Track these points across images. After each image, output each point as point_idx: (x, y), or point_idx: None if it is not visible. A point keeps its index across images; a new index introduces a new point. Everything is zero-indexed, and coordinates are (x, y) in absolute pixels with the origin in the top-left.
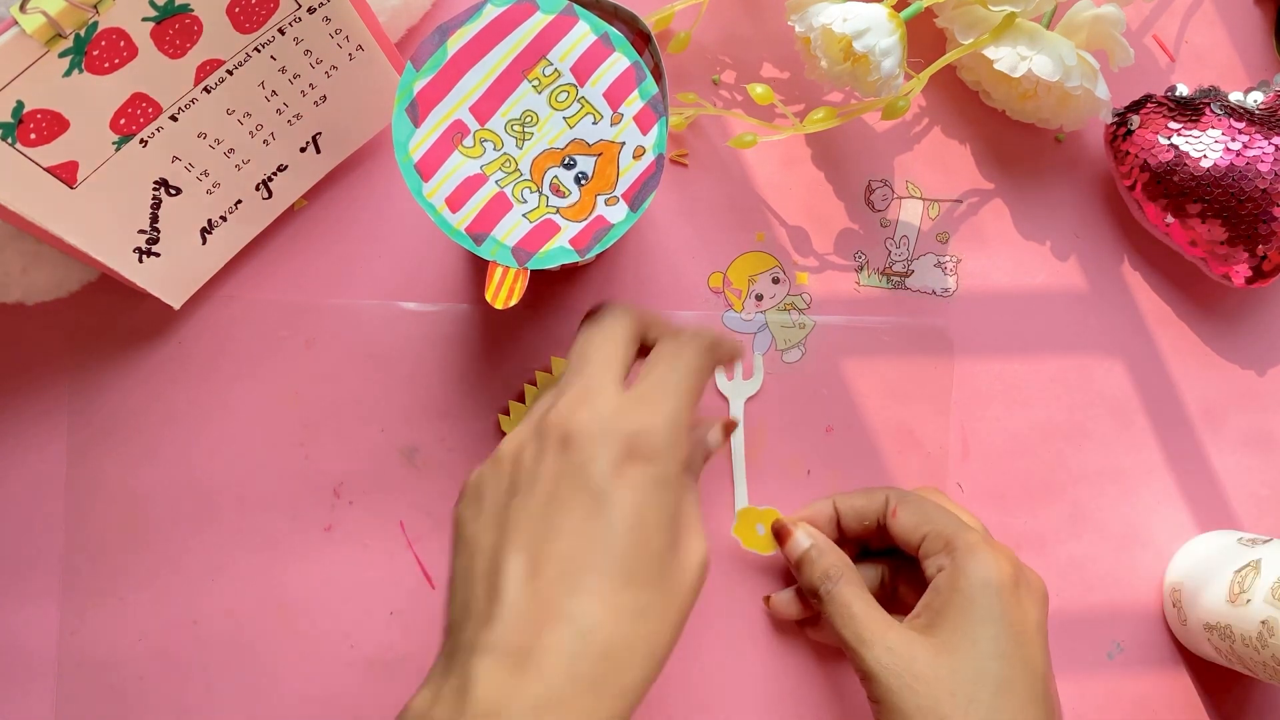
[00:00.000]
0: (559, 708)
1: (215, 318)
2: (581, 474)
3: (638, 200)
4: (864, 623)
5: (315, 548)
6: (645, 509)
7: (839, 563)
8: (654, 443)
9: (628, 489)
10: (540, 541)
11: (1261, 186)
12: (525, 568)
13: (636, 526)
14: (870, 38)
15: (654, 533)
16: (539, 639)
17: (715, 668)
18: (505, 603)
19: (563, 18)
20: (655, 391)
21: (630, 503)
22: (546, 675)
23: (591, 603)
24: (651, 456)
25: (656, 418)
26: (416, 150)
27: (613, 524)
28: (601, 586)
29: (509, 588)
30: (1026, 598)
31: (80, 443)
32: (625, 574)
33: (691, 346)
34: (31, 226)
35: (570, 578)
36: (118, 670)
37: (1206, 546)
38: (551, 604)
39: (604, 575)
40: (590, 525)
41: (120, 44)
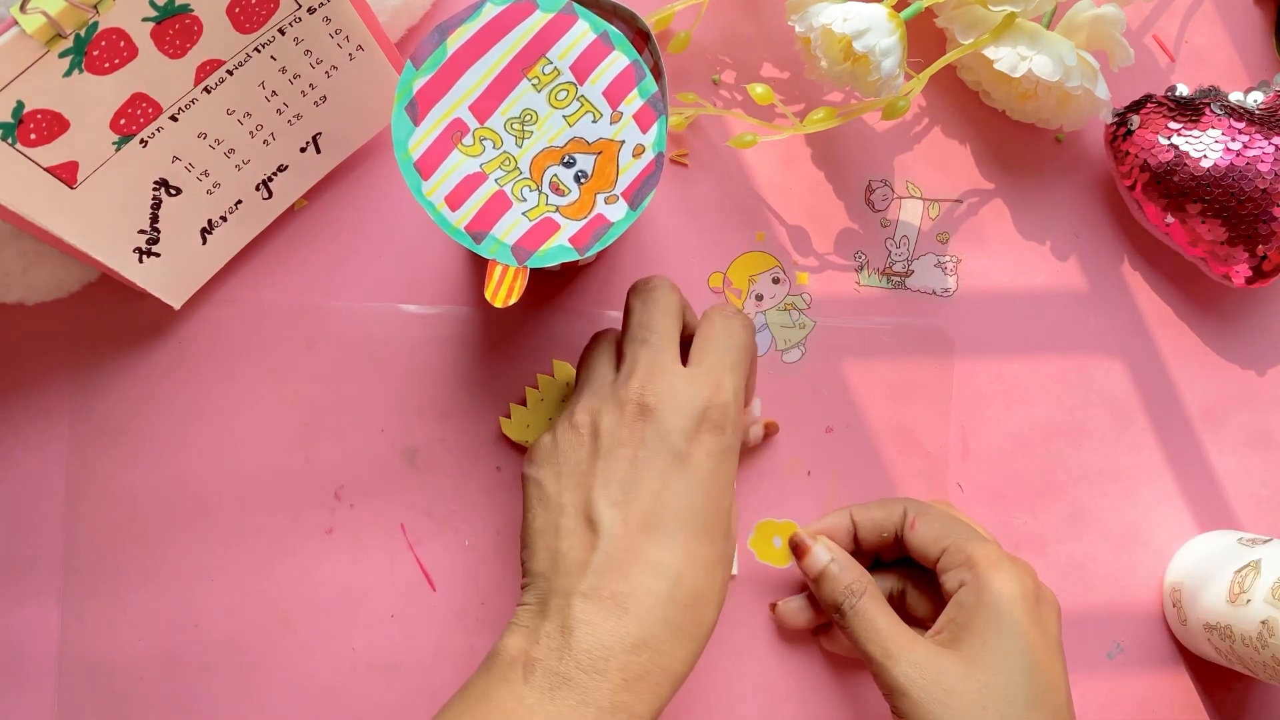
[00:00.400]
0: (653, 647)
1: (215, 318)
2: (663, 439)
3: (637, 199)
4: (890, 638)
5: (316, 550)
6: (717, 473)
7: (860, 577)
8: (723, 415)
9: (704, 454)
10: (629, 498)
11: (1261, 186)
12: (618, 521)
13: (712, 487)
14: (870, 38)
15: (723, 494)
16: (633, 584)
17: (723, 674)
18: (601, 550)
19: (562, 16)
20: (718, 368)
21: (706, 467)
22: (642, 618)
23: (677, 553)
24: (721, 426)
25: (725, 393)
26: (416, 149)
27: (692, 484)
28: (685, 539)
29: (605, 538)
30: (1047, 612)
31: (81, 443)
32: (704, 529)
33: (741, 325)
34: (31, 226)
35: (657, 530)
36: (118, 671)
37: (1206, 546)
38: (642, 554)
39: (687, 529)
40: (673, 484)
41: (120, 44)
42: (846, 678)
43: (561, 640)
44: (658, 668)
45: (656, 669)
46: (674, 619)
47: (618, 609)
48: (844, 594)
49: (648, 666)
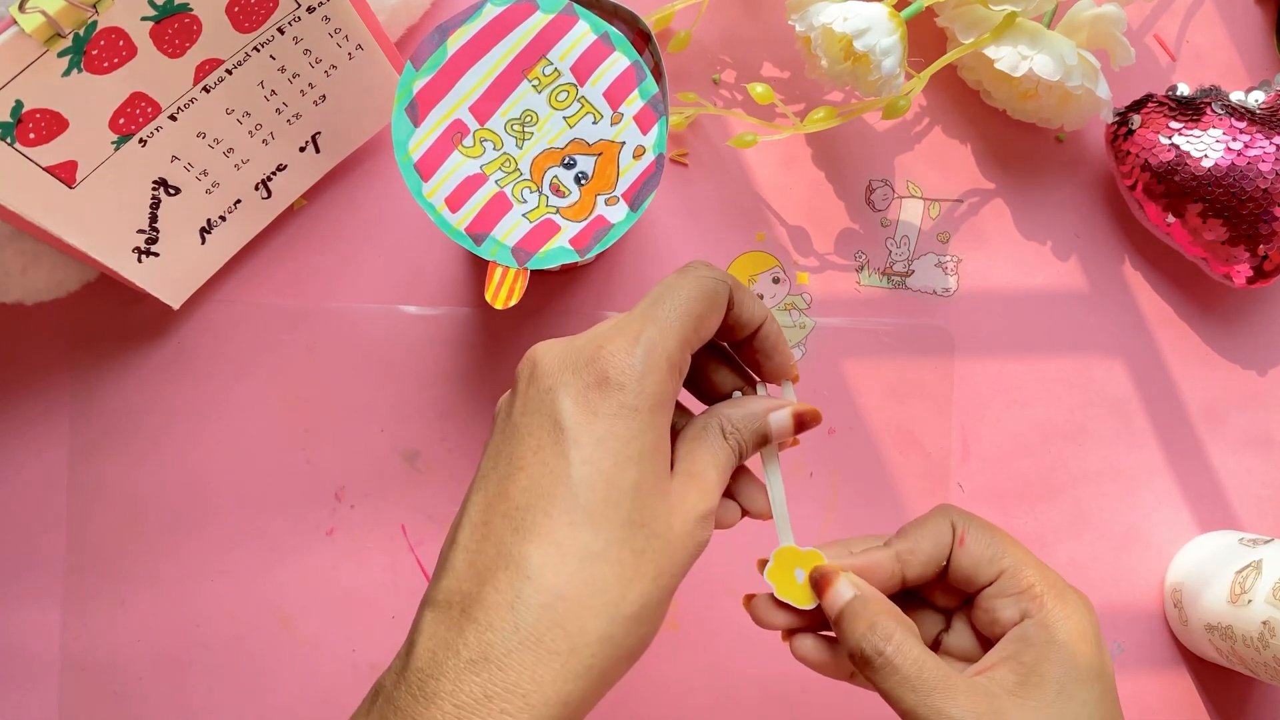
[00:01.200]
0: (498, 663)
1: (215, 319)
2: (543, 403)
3: (638, 200)
4: (944, 692)
5: (316, 551)
6: (610, 439)
7: (892, 620)
8: (623, 368)
9: (592, 417)
10: (500, 480)
11: (1262, 186)
12: (480, 511)
13: (599, 458)
14: (871, 37)
15: (622, 466)
16: (480, 588)
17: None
18: (454, 549)
19: (563, 17)
20: (635, 318)
21: (593, 433)
22: (484, 628)
23: (541, 545)
24: (621, 383)
25: (623, 342)
26: (416, 150)
27: (570, 456)
28: (553, 526)
29: (459, 534)
30: (1104, 645)
31: (81, 444)
32: (584, 511)
33: (693, 275)
34: (31, 226)
35: (521, 516)
36: (119, 671)
37: (1207, 547)
38: (501, 548)
39: (559, 513)
40: (548, 459)
41: (119, 43)
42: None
43: (404, 660)
44: (505, 690)
45: (504, 692)
46: (527, 628)
47: (460, 618)
48: (868, 638)
49: (489, 689)
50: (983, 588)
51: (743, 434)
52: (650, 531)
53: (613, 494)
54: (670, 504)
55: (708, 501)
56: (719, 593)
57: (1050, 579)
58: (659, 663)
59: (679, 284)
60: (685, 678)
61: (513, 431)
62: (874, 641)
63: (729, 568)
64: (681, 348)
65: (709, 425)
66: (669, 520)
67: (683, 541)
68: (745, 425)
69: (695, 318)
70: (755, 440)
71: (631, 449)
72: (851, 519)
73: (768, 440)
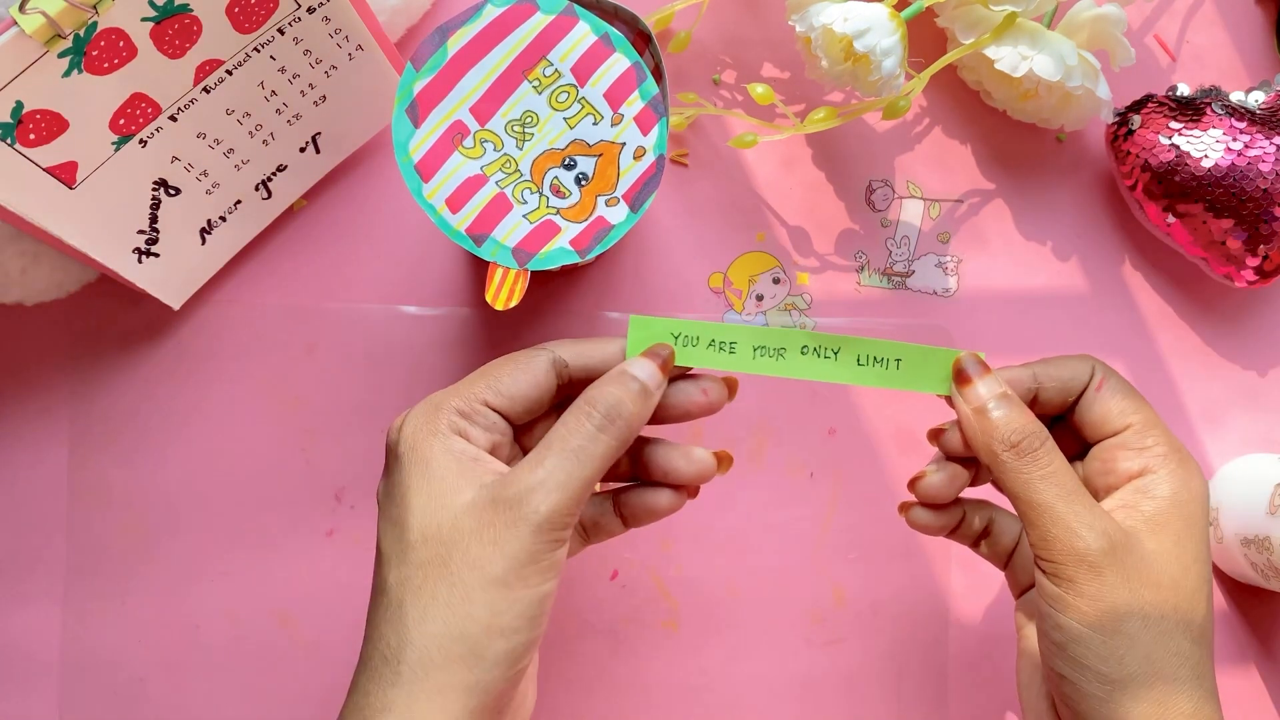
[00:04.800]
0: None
1: (215, 319)
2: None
3: (638, 201)
4: (1081, 499)
5: (317, 551)
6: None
7: (1040, 426)
8: (392, 427)
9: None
10: None
11: (1263, 186)
12: None
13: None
14: (871, 37)
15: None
16: None
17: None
18: None
19: (563, 18)
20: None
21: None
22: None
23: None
24: (388, 447)
25: (404, 415)
26: (416, 151)
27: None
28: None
29: None
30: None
31: (81, 444)
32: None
33: (513, 353)
34: (31, 227)
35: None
36: (119, 672)
37: (1246, 465)
38: None
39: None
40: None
41: (119, 44)
42: (848, 677)
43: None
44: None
45: None
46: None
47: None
48: (1022, 433)
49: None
50: (1105, 438)
51: (607, 392)
52: (434, 542)
53: (396, 530)
54: (461, 507)
55: (519, 481)
56: (719, 593)
57: (1175, 444)
58: (659, 663)
59: (494, 360)
60: (685, 679)
61: None
62: (1028, 438)
63: (729, 568)
64: (462, 399)
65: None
66: (456, 521)
67: (476, 535)
68: (604, 382)
69: (487, 376)
70: (635, 397)
71: (402, 485)
72: (852, 519)
73: (649, 392)
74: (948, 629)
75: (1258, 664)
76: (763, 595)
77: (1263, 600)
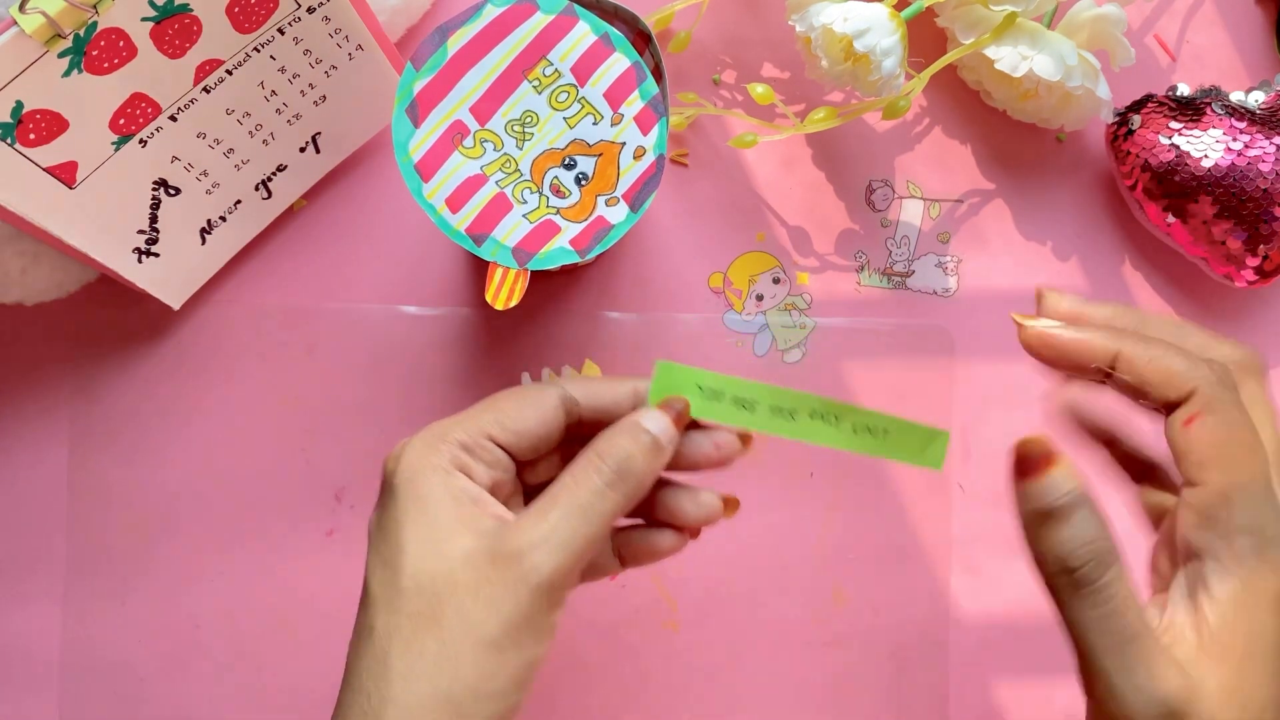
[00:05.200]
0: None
1: (215, 319)
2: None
3: (638, 201)
4: (1138, 651)
5: (316, 551)
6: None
7: (1109, 539)
8: (390, 456)
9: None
10: None
11: (1263, 186)
12: None
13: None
14: (871, 37)
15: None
16: None
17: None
18: None
19: (563, 18)
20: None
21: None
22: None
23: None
24: (383, 477)
25: (406, 438)
26: (416, 151)
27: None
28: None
29: None
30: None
31: (81, 444)
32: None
33: (519, 386)
34: (31, 227)
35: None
36: (120, 672)
37: None
38: None
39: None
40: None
41: (119, 44)
42: (846, 673)
43: None
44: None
45: None
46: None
47: None
48: (1084, 556)
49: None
50: (1193, 485)
51: (618, 445)
52: (428, 591)
53: (387, 572)
54: (458, 556)
55: (522, 535)
56: (720, 594)
57: (1259, 521)
58: (659, 665)
59: (500, 391)
60: (684, 680)
61: None
62: (1091, 563)
63: (729, 568)
64: (466, 432)
65: (582, 452)
66: (452, 573)
67: (472, 590)
68: (615, 434)
69: (494, 410)
70: (647, 451)
71: (396, 523)
72: (851, 519)
73: (661, 448)
74: (948, 629)
75: None
76: (762, 595)
77: None
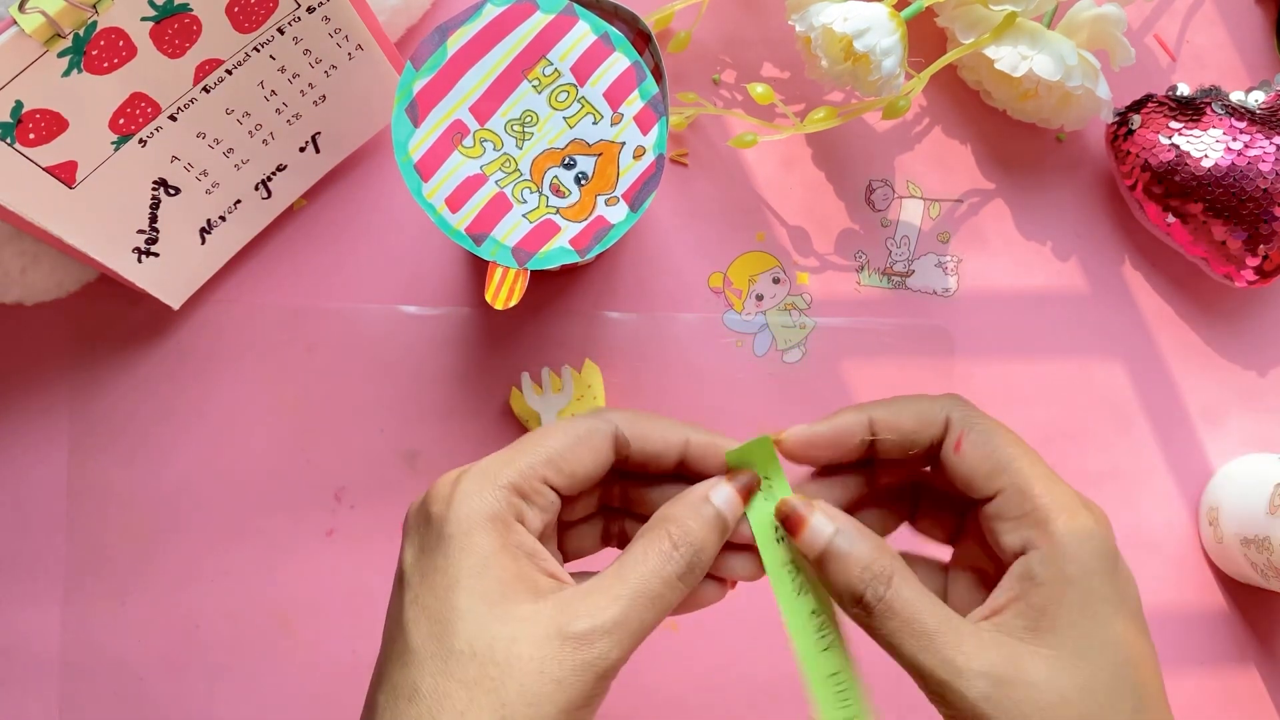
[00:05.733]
0: None
1: (214, 319)
2: (401, 552)
3: (638, 200)
4: (945, 639)
5: (316, 551)
6: (433, 572)
7: (882, 554)
8: (439, 497)
9: (420, 554)
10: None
11: (1263, 186)
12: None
13: (424, 593)
14: (871, 37)
15: (445, 596)
16: None
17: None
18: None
19: (563, 17)
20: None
21: (420, 570)
22: None
23: (382, 692)
24: (438, 513)
25: (457, 474)
26: (416, 150)
27: (404, 598)
28: (390, 670)
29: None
30: (1127, 578)
31: (81, 444)
32: (412, 650)
33: (563, 419)
34: (30, 226)
35: (379, 667)
36: (119, 672)
37: (1246, 465)
38: (367, 700)
39: (395, 656)
40: (394, 606)
41: (119, 44)
42: None
43: None
44: None
45: None
46: None
47: None
48: (863, 581)
49: None
50: (984, 501)
51: (690, 525)
52: (485, 659)
53: (435, 627)
54: (520, 626)
55: (592, 618)
56: None
57: (1060, 499)
58: (658, 666)
59: (547, 425)
60: (684, 681)
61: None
62: (871, 585)
63: None
64: (521, 475)
65: (651, 527)
66: (514, 645)
67: (536, 667)
68: (690, 517)
69: (548, 450)
70: (711, 526)
71: (450, 576)
72: None
73: (726, 524)
74: None
75: (1258, 664)
76: (762, 595)
77: (1263, 600)
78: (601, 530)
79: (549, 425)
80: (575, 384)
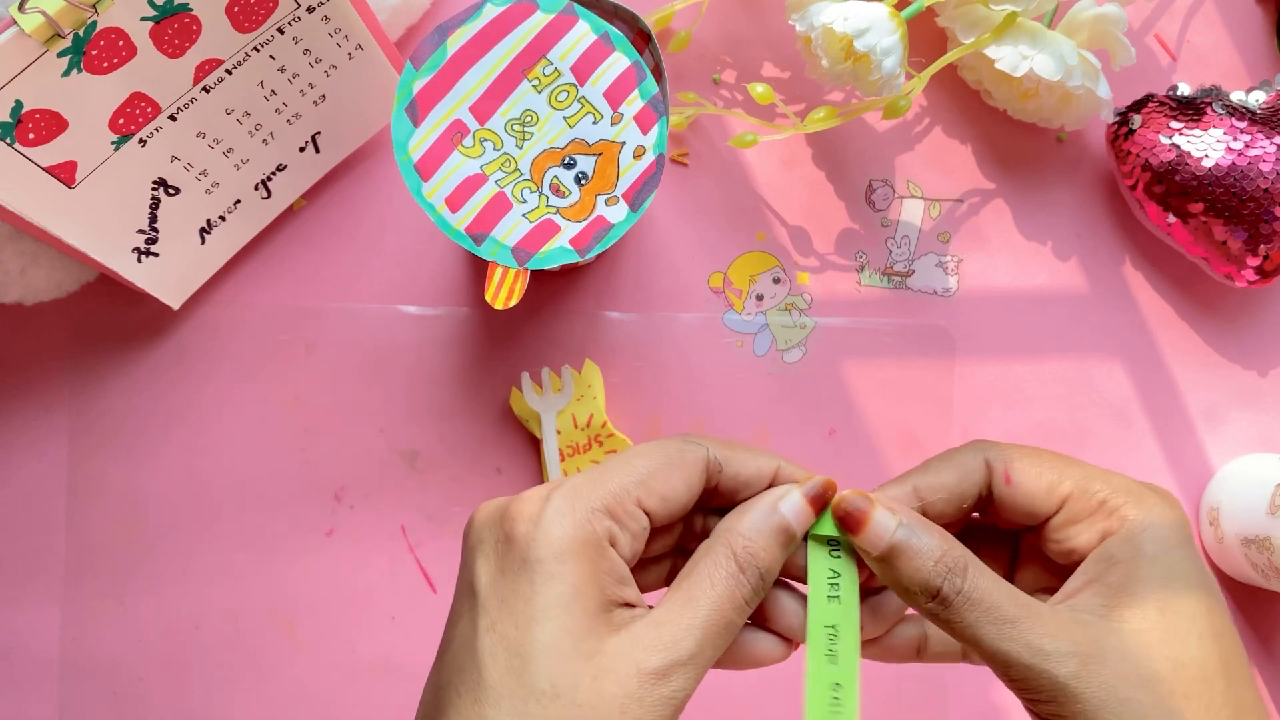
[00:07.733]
0: None
1: (214, 319)
2: (465, 568)
3: (638, 200)
4: (1028, 624)
5: (316, 551)
6: (514, 598)
7: (952, 545)
8: (527, 517)
9: (500, 576)
10: (439, 654)
11: (1263, 186)
12: (427, 688)
13: (502, 622)
14: (871, 37)
15: (526, 628)
16: None
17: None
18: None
19: (563, 17)
20: (573, 475)
21: (499, 594)
22: None
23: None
24: (525, 533)
25: (545, 492)
26: (416, 150)
27: (479, 623)
28: (461, 705)
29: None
30: (1195, 546)
31: (81, 444)
32: (488, 686)
33: (655, 441)
34: (30, 226)
35: (442, 695)
36: (119, 673)
37: (1247, 465)
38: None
39: (466, 690)
40: (464, 628)
41: (119, 43)
42: None
43: None
44: None
45: None
46: None
47: None
48: (939, 574)
49: None
50: (1047, 519)
51: (756, 543)
52: (568, 700)
53: (515, 661)
54: (602, 663)
55: (669, 652)
56: None
57: (1124, 486)
58: None
59: (636, 446)
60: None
61: (453, 598)
62: (948, 577)
63: None
64: (615, 497)
65: (713, 545)
66: (597, 684)
67: (619, 706)
68: (756, 530)
69: (640, 471)
70: (776, 540)
71: (535, 606)
72: None
73: (792, 536)
74: None
75: (1258, 664)
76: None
77: (1263, 600)
78: (669, 570)
79: (637, 446)
80: (575, 384)
